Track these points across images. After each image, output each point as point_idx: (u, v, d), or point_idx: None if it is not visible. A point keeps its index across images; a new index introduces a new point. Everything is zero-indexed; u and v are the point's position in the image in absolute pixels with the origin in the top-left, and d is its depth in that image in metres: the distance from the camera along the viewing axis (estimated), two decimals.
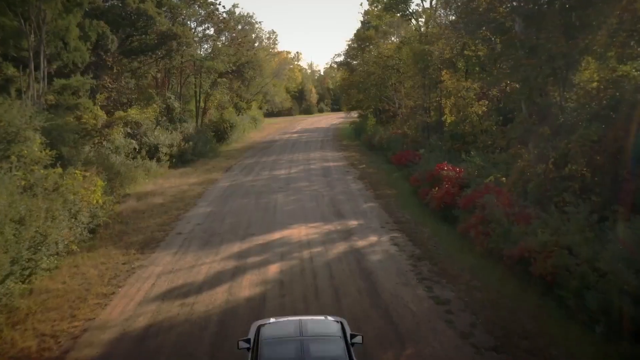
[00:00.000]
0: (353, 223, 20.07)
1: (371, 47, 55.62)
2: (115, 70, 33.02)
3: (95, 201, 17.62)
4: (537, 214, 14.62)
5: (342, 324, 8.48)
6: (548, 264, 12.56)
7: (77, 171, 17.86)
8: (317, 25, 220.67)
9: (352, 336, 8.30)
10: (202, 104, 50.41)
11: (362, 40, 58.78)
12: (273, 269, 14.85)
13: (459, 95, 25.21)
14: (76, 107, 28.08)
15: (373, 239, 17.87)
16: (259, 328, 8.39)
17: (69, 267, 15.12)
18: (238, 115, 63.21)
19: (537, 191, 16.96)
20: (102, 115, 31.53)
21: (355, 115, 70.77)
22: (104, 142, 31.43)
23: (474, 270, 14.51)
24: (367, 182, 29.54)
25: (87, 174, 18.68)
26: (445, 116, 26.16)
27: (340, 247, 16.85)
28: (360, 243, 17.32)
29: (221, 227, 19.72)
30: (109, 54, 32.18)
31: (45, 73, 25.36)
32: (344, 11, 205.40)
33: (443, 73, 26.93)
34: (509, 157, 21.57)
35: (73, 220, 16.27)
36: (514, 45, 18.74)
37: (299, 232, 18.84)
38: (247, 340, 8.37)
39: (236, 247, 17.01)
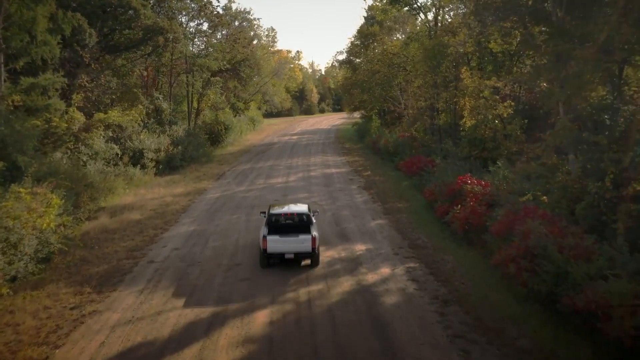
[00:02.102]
0: (360, 248, 16.83)
1: (375, 44, 52.49)
2: (93, 68, 29.73)
3: (45, 225, 14.38)
4: (601, 250, 11.38)
5: (308, 205, 17.13)
6: (627, 324, 9.35)
7: (21, 189, 14.60)
8: (318, 24, 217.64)
9: (314, 212, 16.95)
10: (195, 105, 47.20)
11: (365, 37, 55.58)
12: (260, 319, 11.59)
13: (481, 95, 21.94)
14: (46, 109, 24.85)
15: (385, 271, 14.62)
16: (269, 206, 16.81)
17: (2, 314, 11.90)
18: (235, 116, 59.98)
19: (589, 214, 13.74)
20: (79, 118, 28.38)
21: (358, 115, 67.65)
22: (82, 147, 28.35)
23: (519, 321, 11.26)
24: (373, 192, 26.31)
25: (40, 190, 15.43)
26: (464, 119, 22.92)
27: (346, 284, 13.60)
28: (370, 277, 14.07)
29: (202, 254, 16.47)
30: (86, 49, 28.91)
31: (2, 70, 22.10)
32: (346, 9, 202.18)
33: (462, 70, 23.68)
34: (544, 169, 18.33)
35: (12, 251, 13.04)
36: (556, 34, 15.43)
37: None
38: (264, 212, 17.03)
39: (217, 284, 13.75)
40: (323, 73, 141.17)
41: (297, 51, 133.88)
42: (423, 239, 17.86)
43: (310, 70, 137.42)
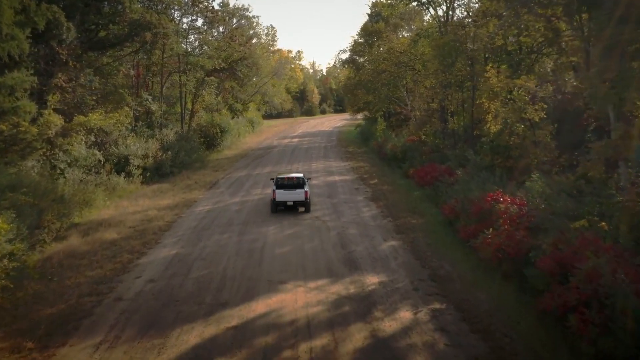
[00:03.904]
0: (372, 280, 13.98)
1: (380, 42, 49.74)
2: (72, 66, 26.87)
3: None
4: None
5: (303, 174, 24.40)
6: None
7: None
8: (319, 23, 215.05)
9: (308, 178, 23.83)
10: (189, 106, 44.40)
11: (369, 34, 52.89)
12: None
13: (508, 97, 19.11)
14: (13, 112, 22.06)
15: (406, 315, 11.76)
16: (277, 174, 24.86)
17: None
18: (233, 118, 57.16)
19: None
20: (55, 121, 25.53)
21: (360, 117, 64.95)
22: (60, 154, 25.59)
23: None
24: (382, 205, 23.47)
25: None
26: (488, 124, 20.08)
27: (358, 336, 10.73)
28: (388, 326, 11.21)
29: (182, 289, 13.61)
30: (63, 45, 26.10)
31: None
32: (347, 8, 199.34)
33: (487, 68, 20.80)
34: (588, 184, 15.51)
35: None
36: (613, 22, 12.60)
37: (294, 299, 12.73)
38: (273, 178, 22.93)
39: (194, 335, 10.88)
40: (324, 73, 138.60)
41: (298, 51, 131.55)
42: (446, 267, 15.01)
43: (311, 71, 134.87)
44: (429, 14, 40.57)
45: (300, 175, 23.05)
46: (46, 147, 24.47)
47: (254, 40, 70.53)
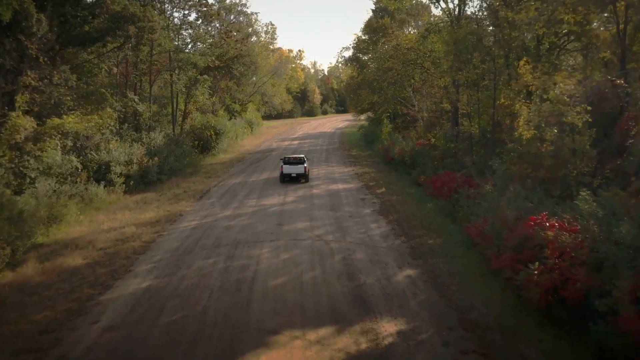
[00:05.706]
0: (389, 329, 11.05)
1: (385, 38, 46.83)
2: (43, 62, 23.95)
3: None
4: None
5: (305, 155, 33.22)
6: None
7: None
8: (320, 23, 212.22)
9: (307, 158, 31.69)
10: (182, 107, 41.52)
11: (374, 30, 49.99)
12: None
13: (545, 97, 16.21)
14: None
15: None
16: (284, 156, 32.48)
17: None
18: (230, 119, 54.29)
19: None
20: (26, 124, 22.70)
21: (363, 117, 62.19)
22: (31, 161, 22.75)
23: None
24: (393, 220, 20.60)
25: None
26: (520, 129, 17.18)
27: None
28: None
29: (147, 342, 10.69)
30: (34, 39, 23.23)
31: None
32: (349, 8, 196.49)
33: (521, 63, 17.82)
34: None
35: None
36: None
37: (288, 359, 9.82)
38: (282, 159, 31.18)
39: None
40: (326, 73, 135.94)
41: (299, 50, 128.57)
42: (479, 308, 12.11)
43: (312, 70, 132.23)
44: (439, 7, 37.59)
45: (302, 156, 31.07)
46: (12, 154, 21.71)
47: (253, 38, 67.75)
